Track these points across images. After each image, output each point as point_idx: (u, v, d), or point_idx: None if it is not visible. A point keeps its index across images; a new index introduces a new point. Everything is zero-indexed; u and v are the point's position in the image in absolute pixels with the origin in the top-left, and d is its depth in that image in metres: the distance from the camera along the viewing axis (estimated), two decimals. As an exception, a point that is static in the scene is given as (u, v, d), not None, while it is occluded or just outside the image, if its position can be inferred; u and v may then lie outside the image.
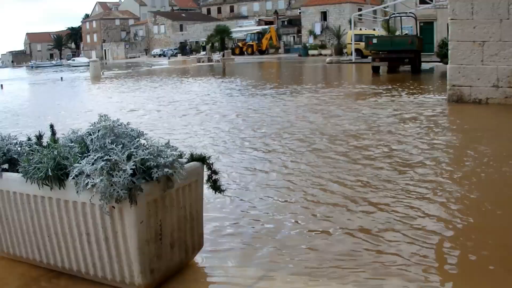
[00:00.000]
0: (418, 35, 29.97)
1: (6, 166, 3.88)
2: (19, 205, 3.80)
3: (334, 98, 15.87)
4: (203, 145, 8.99)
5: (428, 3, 43.59)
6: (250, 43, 75.72)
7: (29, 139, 4.11)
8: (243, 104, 15.53)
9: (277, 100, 15.92)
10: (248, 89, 20.53)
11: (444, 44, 26.92)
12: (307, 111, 13.14)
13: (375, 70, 26.45)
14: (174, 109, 15.13)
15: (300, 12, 77.58)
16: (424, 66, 29.36)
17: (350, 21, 49.62)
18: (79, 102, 19.53)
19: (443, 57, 25.91)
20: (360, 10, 62.12)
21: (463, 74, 13.37)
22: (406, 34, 33.49)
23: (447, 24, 13.76)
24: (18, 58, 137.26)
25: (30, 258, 3.95)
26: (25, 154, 3.78)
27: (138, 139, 3.47)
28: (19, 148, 3.97)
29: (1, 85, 32.67)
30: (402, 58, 26.16)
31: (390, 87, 18.63)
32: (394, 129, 9.88)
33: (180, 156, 3.65)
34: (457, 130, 9.88)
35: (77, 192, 3.27)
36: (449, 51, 13.66)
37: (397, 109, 12.84)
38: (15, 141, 4.03)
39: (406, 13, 34.71)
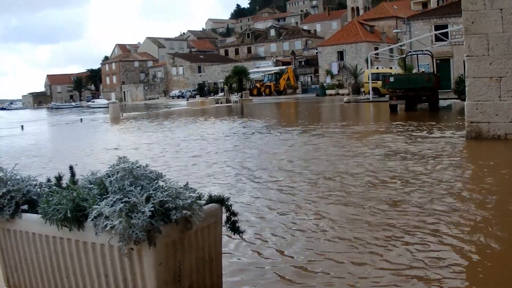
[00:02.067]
0: (435, 72, 30.08)
1: (26, 207, 3.91)
2: (38, 246, 3.81)
3: (353, 137, 15.85)
4: (220, 186, 8.97)
5: (444, 40, 43.83)
6: (268, 83, 76.21)
7: (48, 180, 4.15)
8: (265, 146, 15.51)
9: (305, 141, 15.91)
10: (268, 130, 20.55)
11: (461, 81, 26.92)
12: (331, 150, 13.12)
13: (393, 108, 26.41)
14: (191, 150, 15.17)
15: (317, 52, 78.21)
16: (442, 103, 29.33)
17: (366, 60, 49.89)
18: (98, 143, 19.71)
19: (461, 93, 25.87)
20: (376, 49, 62.57)
21: (481, 110, 13.30)
22: (423, 71, 33.70)
23: (464, 60, 13.76)
24: (38, 100, 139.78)
25: (48, 301, 3.93)
26: (45, 195, 3.80)
27: (156, 181, 3.49)
28: (38, 189, 4.00)
29: (22, 126, 33.21)
30: (420, 96, 26.15)
31: (408, 125, 18.57)
32: (414, 167, 9.79)
33: (199, 197, 3.65)
34: (476, 166, 9.77)
35: (96, 233, 3.27)
36: (466, 88, 13.62)
37: (416, 146, 12.75)
38: (34, 182, 4.06)
39: (422, 50, 34.89)
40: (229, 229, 3.94)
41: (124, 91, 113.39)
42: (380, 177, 9.02)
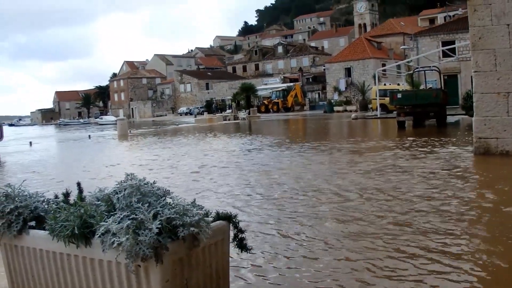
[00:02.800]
0: (443, 88, 30.03)
1: (33, 223, 3.92)
2: (46, 262, 3.81)
3: (361, 153, 15.82)
4: (228, 203, 8.95)
5: (451, 56, 43.84)
6: (276, 100, 76.34)
7: (56, 196, 4.16)
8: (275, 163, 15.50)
9: (318, 159, 15.89)
10: (277, 146, 20.57)
11: (468, 97, 26.90)
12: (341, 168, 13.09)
13: (401, 124, 26.33)
14: (201, 166, 15.17)
15: (324, 69, 78.34)
16: (450, 119, 29.26)
17: (374, 77, 49.95)
18: (106, 159, 19.75)
19: (468, 109, 25.83)
20: (384, 65, 62.61)
21: (489, 126, 13.25)
22: (430, 87, 33.65)
23: (471, 76, 13.74)
24: (47, 116, 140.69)
25: (55, 318, 3.92)
26: (52, 211, 3.81)
27: (164, 198, 3.49)
28: (46, 206, 4.01)
29: (30, 142, 33.42)
30: (427, 112, 26.13)
31: (416, 141, 18.53)
32: (424, 183, 9.74)
33: (206, 215, 3.65)
34: (486, 182, 9.71)
35: (103, 250, 3.27)
36: (474, 104, 13.59)
37: (425, 163, 12.70)
38: (42, 198, 4.07)
39: (430, 66, 34.93)
40: (236, 246, 3.92)
41: (132, 108, 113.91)
42: (389, 193, 8.99)
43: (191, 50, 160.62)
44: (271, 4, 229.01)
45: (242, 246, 3.92)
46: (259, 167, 13.82)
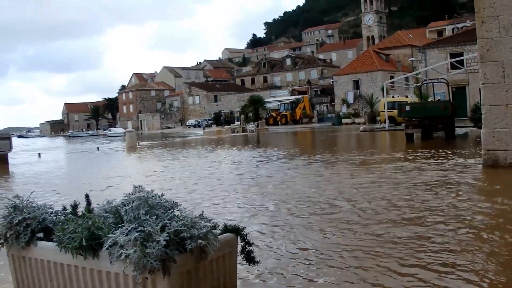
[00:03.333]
0: (451, 100, 29.96)
1: (41, 235, 3.92)
2: (53, 274, 3.81)
3: (374, 166, 15.78)
4: (237, 216, 8.93)
5: (459, 68, 43.81)
6: (284, 112, 76.36)
7: (64, 208, 4.17)
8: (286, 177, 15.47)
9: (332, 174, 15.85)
10: (286, 159, 20.55)
11: (477, 109, 26.81)
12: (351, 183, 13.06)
13: (409, 137, 26.21)
14: (209, 179, 15.17)
15: (332, 81, 78.45)
16: (458, 131, 29.14)
17: (382, 89, 49.90)
18: (114, 171, 19.77)
19: (477, 121, 25.74)
20: (392, 77, 62.61)
21: (497, 138, 13.19)
22: (438, 100, 33.54)
23: (479, 88, 13.70)
24: (56, 128, 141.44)
25: (62, 330, 3.91)
26: (60, 223, 3.82)
27: (172, 210, 3.49)
28: (54, 217, 4.03)
29: (39, 154, 33.56)
30: (436, 124, 26.06)
31: (425, 154, 18.46)
32: (433, 196, 9.69)
33: (214, 227, 3.65)
34: (494, 194, 9.65)
35: (111, 262, 3.27)
36: (482, 116, 13.53)
37: (434, 175, 12.64)
38: (50, 210, 4.09)
39: (438, 79, 34.86)
40: (244, 259, 3.91)
41: (140, 120, 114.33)
42: (398, 204, 8.95)
43: (200, 62, 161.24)
44: (280, 16, 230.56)
45: (250, 259, 3.91)
46: (270, 180, 13.81)
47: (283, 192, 11.34)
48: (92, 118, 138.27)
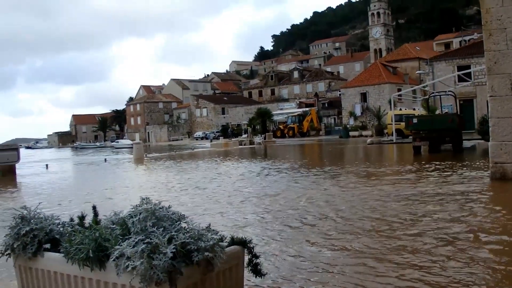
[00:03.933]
0: (458, 113, 29.93)
1: (48, 245, 3.93)
2: (60, 285, 3.81)
3: (377, 179, 15.75)
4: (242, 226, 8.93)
5: (467, 80, 43.75)
6: (291, 125, 76.17)
7: (71, 219, 4.18)
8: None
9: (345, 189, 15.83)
10: (293, 172, 20.53)
11: (484, 121, 26.71)
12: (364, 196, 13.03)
13: (416, 150, 26.12)
14: (216, 192, 15.18)
15: (340, 94, 78.37)
16: (466, 144, 29.04)
17: (390, 101, 49.85)
18: (122, 183, 19.83)
19: (484, 134, 25.63)
20: (399, 90, 62.55)
21: (505, 151, 13.13)
22: (446, 112, 33.48)
23: (487, 101, 13.66)
24: (63, 139, 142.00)
25: None
26: (67, 234, 3.82)
27: (179, 222, 3.49)
28: (61, 229, 4.03)
29: (47, 165, 33.71)
30: (443, 137, 26.00)
31: (432, 167, 18.40)
32: (442, 210, 9.66)
33: (221, 239, 3.64)
34: (503, 206, 9.60)
35: (118, 274, 3.27)
36: (490, 128, 13.50)
37: (441, 188, 12.59)
38: (57, 221, 4.09)
39: (446, 91, 34.84)
40: (251, 272, 3.90)
41: (148, 132, 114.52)
42: (402, 217, 8.92)
43: (207, 74, 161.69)
44: (287, 29, 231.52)
45: (257, 271, 3.90)
46: (274, 191, 13.81)
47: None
48: (100, 130, 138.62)
